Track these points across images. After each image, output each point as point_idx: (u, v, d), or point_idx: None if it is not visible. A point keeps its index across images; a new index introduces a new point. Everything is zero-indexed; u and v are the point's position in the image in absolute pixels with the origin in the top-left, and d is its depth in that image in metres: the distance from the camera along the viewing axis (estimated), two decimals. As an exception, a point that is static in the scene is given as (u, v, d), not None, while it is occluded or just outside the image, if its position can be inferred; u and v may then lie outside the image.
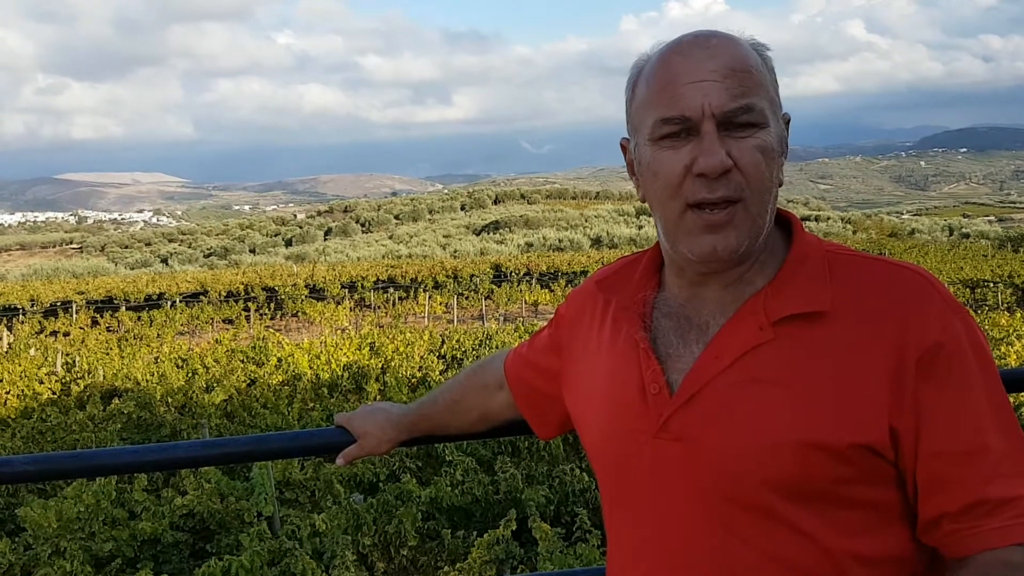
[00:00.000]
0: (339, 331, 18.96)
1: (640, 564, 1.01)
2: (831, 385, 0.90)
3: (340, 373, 10.14)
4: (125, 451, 1.44)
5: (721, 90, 0.91)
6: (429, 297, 22.86)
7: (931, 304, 0.91)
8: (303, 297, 23.50)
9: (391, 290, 25.26)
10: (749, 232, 0.94)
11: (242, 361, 11.74)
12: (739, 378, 0.93)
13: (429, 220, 68.72)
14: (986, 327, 12.13)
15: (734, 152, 0.92)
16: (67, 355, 13.40)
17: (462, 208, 73.97)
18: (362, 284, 25.59)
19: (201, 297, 24.66)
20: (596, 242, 45.96)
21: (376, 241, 55.05)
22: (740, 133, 0.92)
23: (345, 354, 11.50)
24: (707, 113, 0.91)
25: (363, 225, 69.02)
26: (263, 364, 11.29)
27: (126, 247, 68.53)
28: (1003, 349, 9.43)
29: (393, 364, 10.68)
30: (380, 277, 26.84)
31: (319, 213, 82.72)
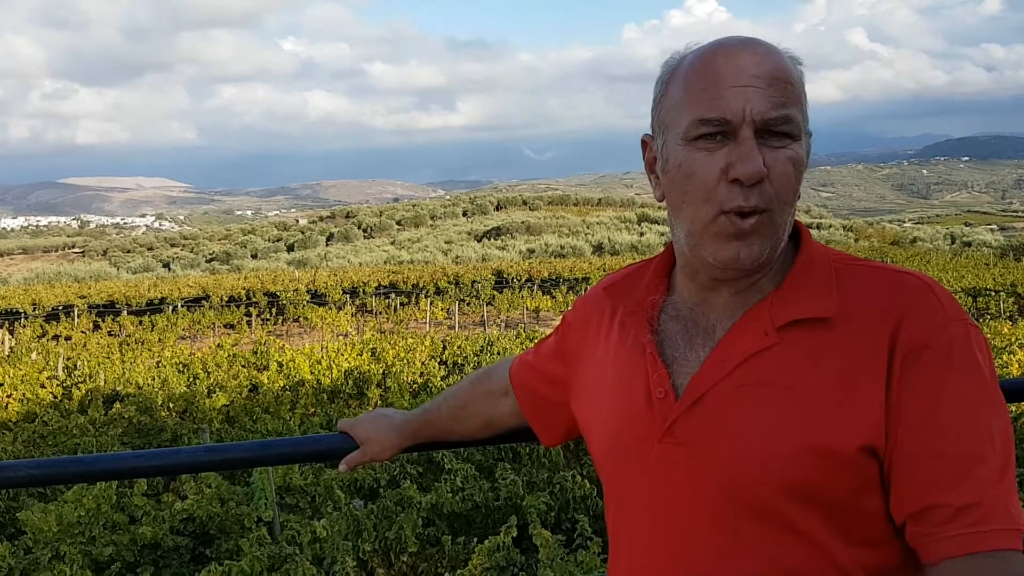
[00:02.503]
0: (340, 337, 18.98)
1: (644, 571, 1.01)
2: (834, 389, 0.90)
3: (341, 379, 10.13)
4: (128, 456, 1.44)
5: (764, 97, 0.91)
6: (431, 303, 22.87)
7: (927, 307, 0.91)
8: (305, 302, 23.52)
9: (393, 296, 25.28)
10: (771, 242, 0.94)
11: (243, 366, 11.74)
12: (743, 382, 0.93)
13: (431, 226, 68.79)
14: (988, 336, 12.11)
15: (768, 161, 0.91)
16: (68, 359, 13.41)
17: (464, 214, 74.05)
18: (364, 290, 25.61)
19: (203, 302, 24.69)
20: (598, 248, 45.99)
21: (378, 247, 55.10)
22: (775, 143, 0.92)
23: (346, 360, 11.50)
24: (748, 118, 0.90)
25: (365, 231, 69.10)
26: (264, 369, 11.29)
27: (128, 251, 68.64)
28: (1005, 358, 9.41)
29: (394, 370, 10.67)
30: (382, 283, 26.87)
31: (321, 218, 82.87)
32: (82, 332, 20.57)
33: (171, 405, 8.83)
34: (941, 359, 0.88)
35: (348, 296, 25.08)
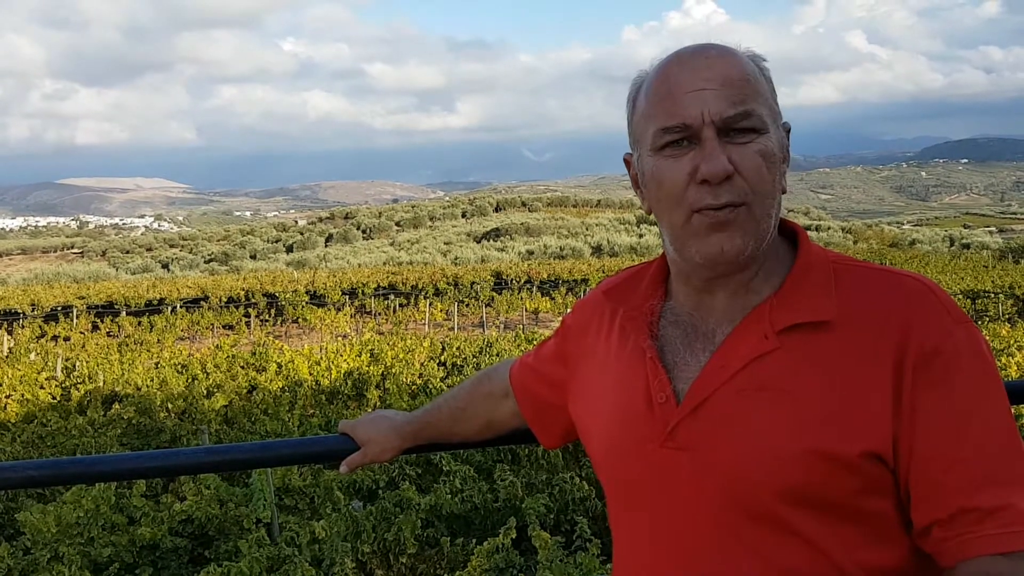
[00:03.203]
0: (339, 338, 18.98)
1: (645, 572, 1.02)
2: (836, 393, 0.90)
3: (340, 380, 10.13)
4: (129, 457, 1.45)
5: (720, 97, 0.93)
6: (430, 304, 22.87)
7: (932, 311, 0.92)
8: (304, 303, 23.50)
9: (392, 297, 25.28)
10: (754, 235, 0.95)
11: (242, 367, 11.73)
12: (745, 386, 0.94)
13: (430, 227, 68.78)
14: (987, 338, 12.10)
15: (735, 157, 0.93)
16: (67, 360, 13.40)
17: (463, 215, 74.04)
18: (363, 291, 25.60)
19: (202, 303, 24.66)
20: (597, 250, 46.00)
21: (377, 248, 55.11)
22: (740, 139, 0.94)
23: (345, 361, 11.49)
24: (707, 120, 0.93)
25: (364, 232, 69.08)
26: (263, 370, 11.28)
27: (127, 252, 68.59)
28: (1004, 360, 9.43)
29: (394, 371, 10.67)
30: (381, 284, 26.86)
31: (320, 219, 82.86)
32: (81, 333, 20.56)
33: (170, 406, 8.82)
34: (953, 365, 0.89)
35: (347, 297, 25.07)
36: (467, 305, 23.98)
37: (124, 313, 23.29)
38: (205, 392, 9.59)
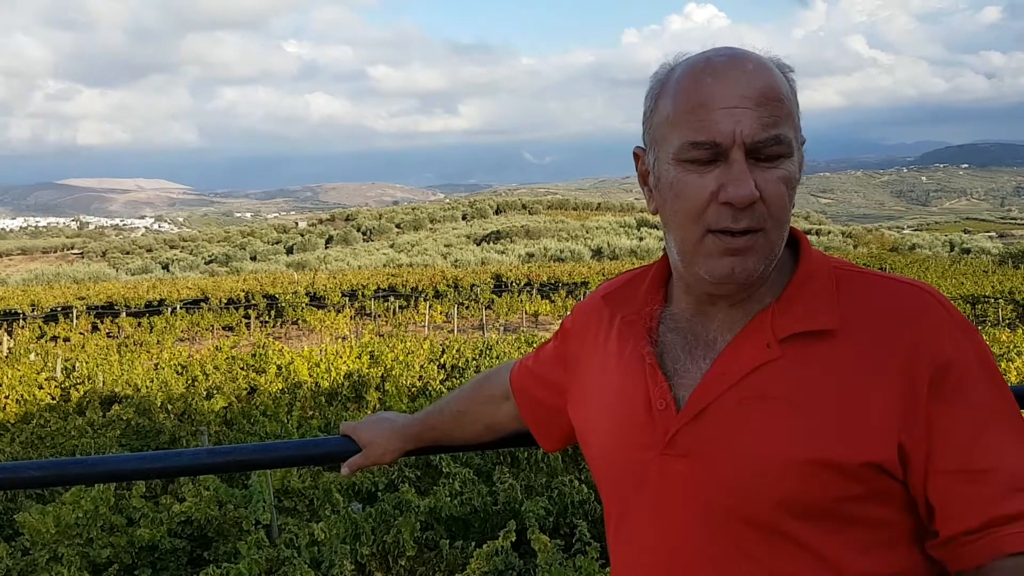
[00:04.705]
0: (339, 339, 18.97)
1: None
2: (838, 403, 0.90)
3: (340, 382, 10.14)
4: (130, 458, 1.45)
5: (754, 118, 0.90)
6: (429, 306, 22.87)
7: (941, 323, 0.92)
8: (303, 305, 23.50)
9: (392, 299, 25.29)
10: (765, 258, 0.95)
11: (242, 368, 11.73)
12: (746, 395, 0.94)
13: (430, 229, 68.77)
14: (987, 343, 12.10)
15: (760, 182, 0.91)
16: (67, 360, 13.39)
17: (463, 218, 74.00)
18: (363, 292, 25.61)
19: (202, 304, 24.66)
20: (597, 253, 46.01)
21: (377, 250, 55.14)
22: (767, 164, 0.92)
23: (345, 363, 11.50)
24: (738, 141, 0.90)
25: (364, 233, 69.08)
26: (263, 372, 11.28)
27: (127, 253, 68.55)
28: (1004, 365, 9.43)
29: (393, 373, 10.67)
30: (381, 286, 26.87)
31: (321, 221, 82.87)
32: (80, 333, 20.56)
33: (169, 407, 8.82)
34: (966, 376, 0.90)
35: (347, 299, 25.08)
36: (467, 307, 23.97)
37: (124, 314, 23.29)
38: (205, 393, 9.59)
